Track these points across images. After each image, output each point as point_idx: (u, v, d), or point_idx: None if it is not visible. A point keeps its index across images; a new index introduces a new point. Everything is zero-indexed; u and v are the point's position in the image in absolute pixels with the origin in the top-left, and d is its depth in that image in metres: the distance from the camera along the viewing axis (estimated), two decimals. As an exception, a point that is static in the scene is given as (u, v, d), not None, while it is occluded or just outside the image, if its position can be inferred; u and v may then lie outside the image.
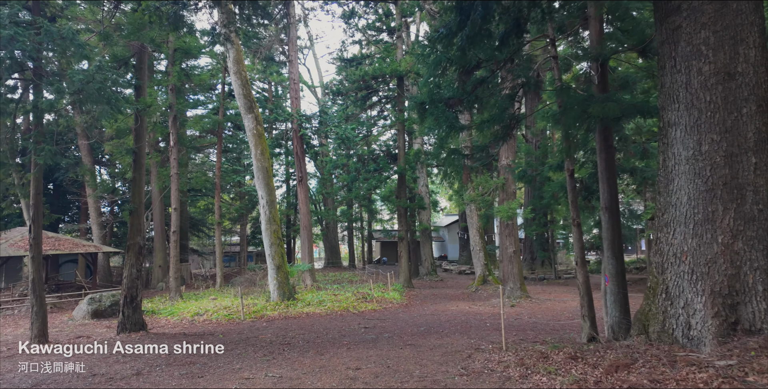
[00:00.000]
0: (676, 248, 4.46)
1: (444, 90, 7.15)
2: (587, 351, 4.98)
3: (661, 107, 4.55)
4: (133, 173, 9.56)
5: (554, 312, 13.08)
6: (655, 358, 4.16)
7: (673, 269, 4.48)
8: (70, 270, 23.60)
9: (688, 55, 4.24)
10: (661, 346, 4.44)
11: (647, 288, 5.01)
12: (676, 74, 4.33)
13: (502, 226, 15.60)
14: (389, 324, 10.77)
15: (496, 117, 6.37)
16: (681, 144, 4.33)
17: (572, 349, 5.20)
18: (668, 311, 4.50)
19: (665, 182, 4.56)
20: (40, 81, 7.05)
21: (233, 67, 15.32)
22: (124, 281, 9.58)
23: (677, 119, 4.35)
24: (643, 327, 4.86)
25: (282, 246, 15.76)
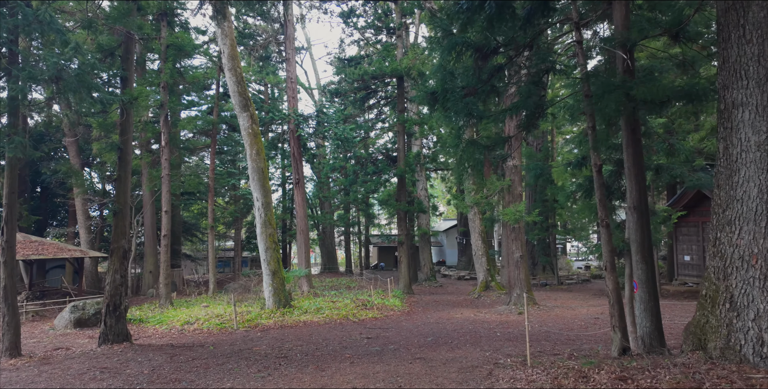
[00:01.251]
0: (743, 249, 3.81)
1: (458, 78, 6.52)
2: (633, 370, 4.30)
3: (723, 86, 3.93)
4: (118, 171, 8.84)
5: (565, 320, 12.41)
6: (725, 381, 3.49)
7: (740, 275, 3.83)
8: (57, 276, 22.70)
9: (762, 21, 3.63)
10: (727, 365, 3.78)
11: (702, 297, 4.35)
12: (744, 45, 3.72)
13: (507, 230, 14.95)
14: (393, 334, 10.05)
15: (519, 104, 5.74)
16: (750, 128, 3.71)
17: (615, 367, 4.52)
18: (734, 324, 3.85)
19: (727, 173, 3.93)
20: (12, 66, 6.35)
21: (228, 64, 14.66)
22: (106, 288, 8.82)
23: (745, 99, 3.73)
24: (699, 342, 4.19)
25: (278, 251, 15.03)
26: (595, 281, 28.69)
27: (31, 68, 6.28)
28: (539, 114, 6.19)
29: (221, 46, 14.67)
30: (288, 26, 18.34)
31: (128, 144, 8.87)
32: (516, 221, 13.99)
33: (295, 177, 18.87)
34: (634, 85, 4.73)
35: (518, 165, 15.00)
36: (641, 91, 4.55)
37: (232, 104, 15.85)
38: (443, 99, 6.64)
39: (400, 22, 22.27)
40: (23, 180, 21.49)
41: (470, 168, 6.16)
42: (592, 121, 6.42)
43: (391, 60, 20.54)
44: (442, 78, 6.43)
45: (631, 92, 4.67)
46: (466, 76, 6.50)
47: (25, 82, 6.08)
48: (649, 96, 4.57)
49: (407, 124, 21.56)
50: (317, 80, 39.81)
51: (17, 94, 6.29)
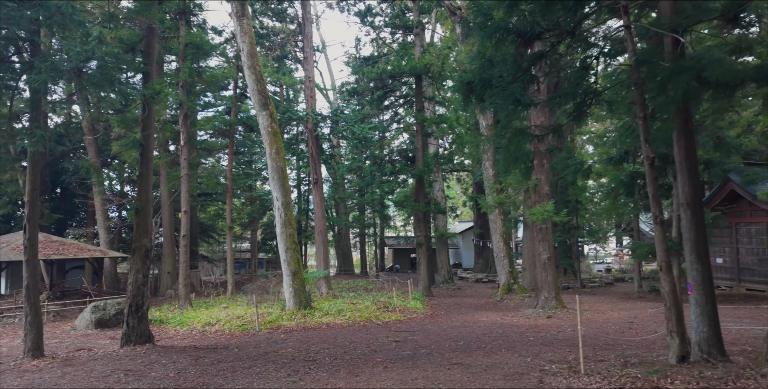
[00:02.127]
0: None
1: (497, 67, 6.15)
2: (713, 381, 3.87)
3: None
4: (140, 168, 8.64)
5: (598, 324, 11.88)
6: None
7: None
8: (77, 277, 22.76)
9: None
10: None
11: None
12: None
13: (534, 231, 14.47)
14: (421, 338, 9.67)
15: (569, 92, 5.35)
16: None
17: (688, 376, 4.09)
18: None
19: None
20: (34, 58, 6.16)
21: (247, 61, 14.47)
22: (129, 287, 8.60)
23: None
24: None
25: (298, 251, 14.76)
26: (618, 284, 27.96)
27: (53, 59, 6.08)
28: (590, 102, 5.78)
29: (240, 44, 14.48)
30: (306, 24, 18.14)
31: (150, 140, 8.66)
32: (543, 221, 13.51)
33: (313, 177, 18.61)
34: (705, 65, 4.31)
35: (545, 163, 14.51)
36: (715, 72, 4.13)
37: (251, 103, 15.67)
38: (481, 88, 6.27)
39: (418, 20, 21.96)
40: (44, 181, 21.61)
41: (516, 161, 5.74)
42: (643, 110, 6.00)
43: (409, 58, 20.23)
44: (480, 66, 6.07)
45: (703, 74, 4.25)
46: (505, 65, 6.12)
47: (48, 73, 5.88)
48: (723, 78, 4.15)
49: (426, 123, 21.20)
50: (332, 81, 39.68)
51: (40, 86, 6.10)
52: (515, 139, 5.52)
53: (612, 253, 54.70)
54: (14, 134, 7.89)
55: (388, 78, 20.21)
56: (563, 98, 5.54)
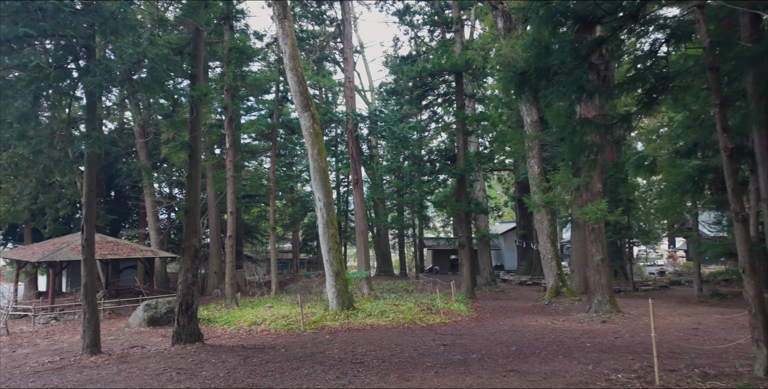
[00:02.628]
0: None
1: (553, 55, 5.77)
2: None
3: None
4: (189, 170, 8.79)
5: (659, 331, 11.07)
6: None
7: None
8: (130, 276, 23.79)
9: None
10: None
11: None
12: None
13: (586, 231, 13.75)
14: (469, 342, 9.32)
15: (638, 77, 4.90)
16: None
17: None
18: None
19: None
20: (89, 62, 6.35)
21: (289, 64, 14.58)
22: (179, 287, 8.76)
23: None
24: None
25: (340, 251, 14.72)
26: (674, 287, 26.42)
27: (107, 63, 6.25)
28: (662, 88, 5.30)
29: (282, 46, 14.62)
30: (346, 25, 18.14)
31: (198, 142, 8.80)
32: (597, 221, 12.80)
33: (353, 177, 18.57)
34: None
35: (597, 158, 13.75)
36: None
37: (293, 105, 15.80)
38: (536, 78, 5.91)
39: (458, 16, 21.55)
40: (99, 184, 22.73)
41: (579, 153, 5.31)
42: (719, 97, 5.45)
43: (449, 55, 19.85)
44: (536, 55, 5.70)
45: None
46: (562, 53, 5.73)
47: (102, 75, 6.04)
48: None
49: (467, 121, 20.74)
50: (370, 83, 39.73)
51: (95, 89, 6.28)
52: (580, 129, 5.09)
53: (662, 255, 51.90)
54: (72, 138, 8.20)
55: (428, 76, 19.91)
56: (631, 85, 5.10)
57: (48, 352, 9.12)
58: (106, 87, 6.47)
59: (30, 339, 11.34)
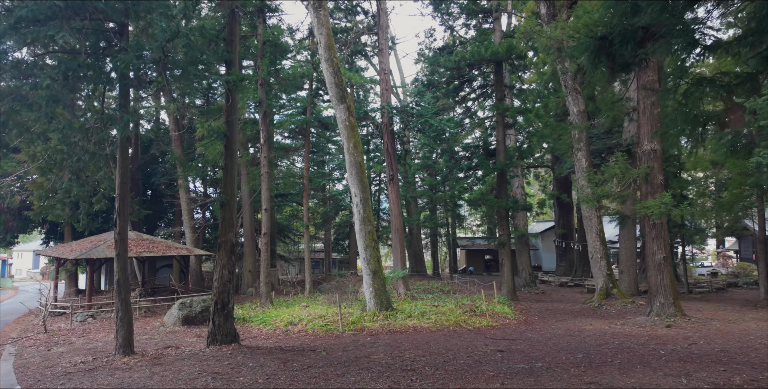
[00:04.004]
0: None
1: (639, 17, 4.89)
2: None
3: None
4: (225, 160, 8.31)
5: (736, 337, 9.92)
6: None
7: None
8: (165, 275, 23.89)
9: None
10: None
11: None
12: None
13: (647, 227, 12.59)
14: (527, 348, 8.45)
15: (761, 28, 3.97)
16: None
17: None
18: None
19: None
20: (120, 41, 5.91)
21: (324, 54, 14.04)
22: (214, 284, 8.27)
23: None
24: None
25: (377, 249, 14.04)
26: (732, 290, 24.60)
27: (140, 39, 5.78)
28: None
29: (317, 36, 14.09)
30: (381, 15, 17.50)
31: (234, 131, 8.31)
32: (660, 215, 11.65)
33: (389, 173, 17.89)
34: None
35: (657, 149, 12.60)
36: None
37: (327, 101, 15.25)
38: (620, 42, 5.05)
39: (497, 4, 20.56)
40: (135, 183, 22.87)
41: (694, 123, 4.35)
42: None
43: (489, 43, 18.90)
44: (621, 14, 4.84)
45: None
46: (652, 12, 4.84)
47: (134, 52, 5.59)
48: None
49: (508, 113, 19.73)
50: (401, 79, 39.02)
51: (125, 69, 5.84)
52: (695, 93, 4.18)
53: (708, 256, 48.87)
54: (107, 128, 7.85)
55: (466, 66, 19.01)
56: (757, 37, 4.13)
57: (82, 351, 8.82)
58: (137, 67, 6.03)
59: (66, 337, 11.17)
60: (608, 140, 22.21)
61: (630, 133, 21.10)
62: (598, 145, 22.07)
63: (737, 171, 15.32)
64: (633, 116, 16.24)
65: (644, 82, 12.94)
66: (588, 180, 14.25)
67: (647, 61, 5.55)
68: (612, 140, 21.93)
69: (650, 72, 13.02)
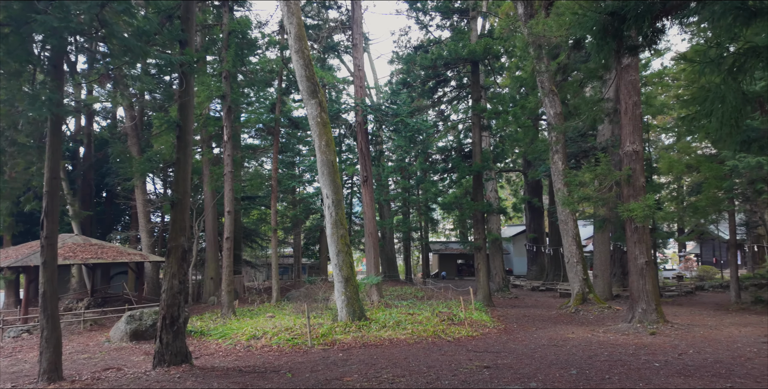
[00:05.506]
0: None
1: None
2: None
3: None
4: (177, 153, 7.25)
5: (723, 345, 9.53)
6: None
7: None
8: (120, 283, 22.16)
9: None
10: None
11: None
12: None
13: (629, 230, 12.20)
14: (514, 362, 7.73)
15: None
16: None
17: None
18: None
19: None
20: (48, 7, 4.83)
21: (294, 45, 13.09)
22: (162, 296, 7.18)
23: None
24: None
25: (350, 255, 13.13)
26: (699, 293, 24.96)
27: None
28: None
29: (287, 26, 13.15)
30: (355, 9, 16.70)
31: (188, 121, 7.27)
32: (644, 218, 11.26)
33: (363, 174, 17.02)
34: None
35: (639, 151, 12.26)
36: None
37: (298, 97, 14.30)
38: (635, 18, 4.42)
39: (474, 3, 20.13)
40: (87, 182, 21.18)
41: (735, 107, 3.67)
42: None
43: (465, 42, 18.40)
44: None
45: None
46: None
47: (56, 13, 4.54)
48: None
49: (486, 114, 19.26)
50: (375, 80, 38.32)
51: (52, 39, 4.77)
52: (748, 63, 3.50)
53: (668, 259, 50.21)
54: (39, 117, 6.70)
55: (443, 66, 18.44)
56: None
57: (3, 376, 7.52)
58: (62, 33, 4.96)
59: (-8, 357, 9.74)
60: (583, 143, 22.12)
61: (605, 136, 21.03)
62: (572, 148, 21.93)
63: (712, 175, 15.33)
64: (613, 117, 15.99)
65: (626, 81, 12.63)
66: (568, 182, 13.82)
67: (656, 42, 4.91)
68: (587, 144, 21.83)
69: (632, 71, 12.74)
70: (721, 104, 3.33)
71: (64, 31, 4.82)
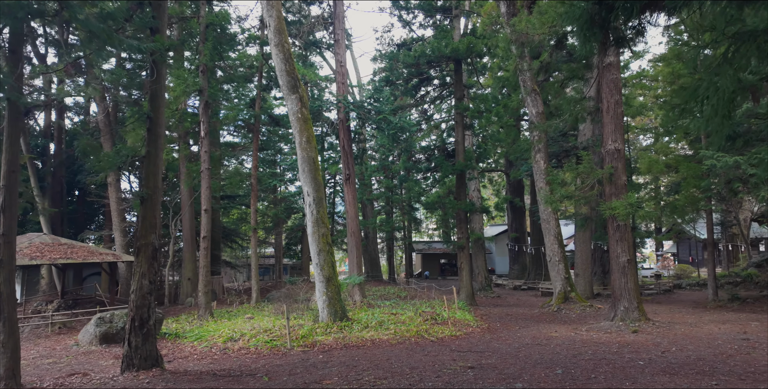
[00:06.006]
0: None
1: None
2: None
3: None
4: (147, 147, 6.88)
5: (704, 343, 9.56)
6: None
7: None
8: (93, 284, 21.39)
9: None
10: None
11: None
12: None
13: (611, 228, 12.21)
14: (498, 362, 7.58)
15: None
16: None
17: None
18: None
19: None
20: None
21: (274, 39, 12.75)
22: (131, 297, 6.80)
23: None
24: None
25: (332, 254, 12.84)
26: (677, 291, 25.39)
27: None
28: None
29: (267, 19, 12.80)
30: (337, 4, 16.41)
31: (159, 112, 6.90)
32: (626, 216, 11.26)
33: (345, 172, 16.74)
34: None
35: (621, 149, 12.29)
36: None
37: (279, 89, 13.95)
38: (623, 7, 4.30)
39: (457, 2, 20.04)
40: (59, 181, 20.39)
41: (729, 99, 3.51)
42: None
43: (449, 41, 18.29)
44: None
45: None
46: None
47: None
48: None
49: (468, 112, 19.18)
50: (358, 78, 38.04)
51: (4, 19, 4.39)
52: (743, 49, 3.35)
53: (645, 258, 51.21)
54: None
55: (426, 64, 18.28)
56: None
57: (-42, 383, 7.02)
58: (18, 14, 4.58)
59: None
60: (564, 143, 22.26)
61: (585, 136, 21.19)
62: (554, 148, 22.07)
63: (691, 174, 15.52)
64: (595, 116, 16.05)
65: (608, 80, 12.65)
66: (550, 181, 13.79)
67: (644, 34, 4.79)
68: (568, 143, 21.97)
69: (614, 70, 12.78)
70: (715, 91, 3.20)
71: (19, 12, 4.44)
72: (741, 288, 20.48)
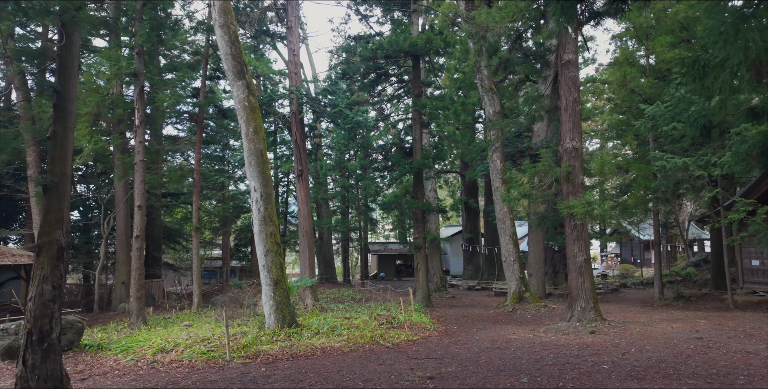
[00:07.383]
0: None
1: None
2: None
3: None
4: (54, 126, 5.75)
5: (660, 342, 9.48)
6: None
7: None
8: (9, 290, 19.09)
9: None
10: None
11: None
12: None
13: (568, 228, 12.04)
14: (459, 370, 6.99)
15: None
16: None
17: None
18: None
19: None
20: None
21: (219, 19, 11.68)
22: (28, 305, 5.63)
23: None
24: None
25: (281, 255, 11.89)
26: (624, 291, 26.22)
27: None
28: None
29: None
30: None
31: (70, 85, 5.79)
32: (583, 215, 11.10)
33: (298, 168, 15.78)
34: None
35: (579, 147, 12.17)
36: None
37: (225, 71, 12.85)
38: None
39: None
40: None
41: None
42: None
43: (407, 35, 17.79)
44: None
45: None
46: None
47: None
48: None
49: (426, 110, 18.73)
50: (313, 74, 36.98)
51: None
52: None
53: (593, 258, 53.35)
54: None
55: (383, 58, 17.67)
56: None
57: None
58: None
59: None
60: (519, 144, 22.35)
61: (540, 137, 21.35)
62: (509, 148, 22.12)
63: (641, 175, 15.83)
64: (552, 115, 16.01)
65: (567, 78, 12.53)
66: (508, 179, 13.53)
67: (623, 8, 4.33)
68: (523, 144, 22.07)
69: (572, 68, 12.68)
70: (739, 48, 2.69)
71: None
72: (682, 287, 21.24)
